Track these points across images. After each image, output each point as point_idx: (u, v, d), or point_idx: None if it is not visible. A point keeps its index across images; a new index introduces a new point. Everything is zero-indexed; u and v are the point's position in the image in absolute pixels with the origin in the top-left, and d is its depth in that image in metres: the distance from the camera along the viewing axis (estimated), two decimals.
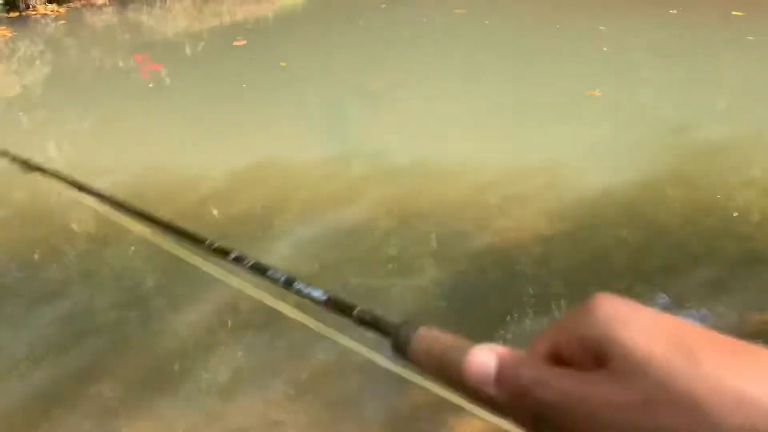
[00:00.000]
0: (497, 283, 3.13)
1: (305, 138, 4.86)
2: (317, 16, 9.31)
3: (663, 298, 2.98)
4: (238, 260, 0.75)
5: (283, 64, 6.51)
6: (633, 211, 3.67)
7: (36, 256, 3.51)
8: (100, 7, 9.54)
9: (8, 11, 8.90)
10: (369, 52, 7.11)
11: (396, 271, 3.23)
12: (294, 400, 2.52)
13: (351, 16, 8.73)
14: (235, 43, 7.43)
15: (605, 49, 6.62)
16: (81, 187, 1.01)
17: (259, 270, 0.71)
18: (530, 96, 5.49)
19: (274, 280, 0.69)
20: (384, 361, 0.64)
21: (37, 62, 7.26)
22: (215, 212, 3.77)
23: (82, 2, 9.52)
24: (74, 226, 3.75)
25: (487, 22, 7.91)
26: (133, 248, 3.40)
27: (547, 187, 3.93)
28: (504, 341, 2.76)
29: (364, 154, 4.51)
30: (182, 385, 2.55)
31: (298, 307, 0.71)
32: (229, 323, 2.91)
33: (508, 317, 2.89)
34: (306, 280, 0.67)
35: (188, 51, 7.43)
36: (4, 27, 8.38)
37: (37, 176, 1.10)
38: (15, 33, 8.22)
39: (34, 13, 9.05)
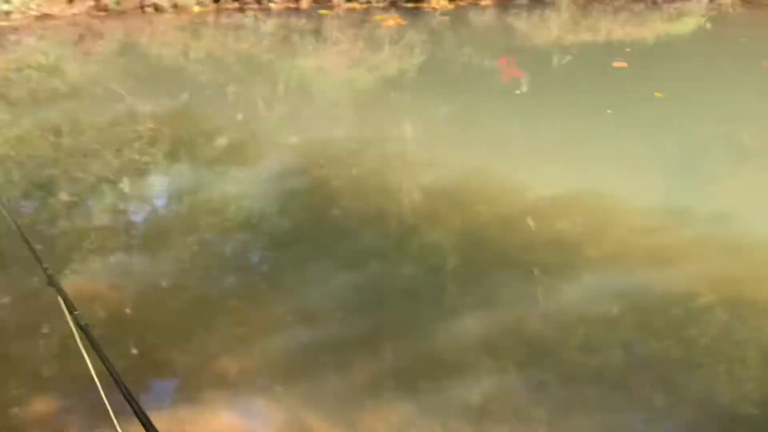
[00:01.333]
0: None
1: (645, 179, 4.38)
2: (706, 46, 8.43)
3: None
4: None
5: (657, 95, 6.02)
6: None
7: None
8: (484, 7, 10.01)
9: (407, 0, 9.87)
10: (751, 97, 6.18)
11: (700, 373, 2.62)
12: None
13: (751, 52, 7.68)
14: (616, 65, 7.10)
15: None
16: None
17: None
18: None
19: None
20: None
21: (417, 50, 7.85)
22: (532, 225, 3.74)
23: (470, 0, 10.07)
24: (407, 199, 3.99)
25: None
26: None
27: None
28: None
29: (705, 215, 3.86)
30: (428, 394, 2.50)
31: None
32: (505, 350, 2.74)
33: None
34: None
35: (554, 62, 7.34)
36: (399, 15, 9.27)
37: None
38: (406, 21, 9.04)
39: (427, 6, 9.85)
